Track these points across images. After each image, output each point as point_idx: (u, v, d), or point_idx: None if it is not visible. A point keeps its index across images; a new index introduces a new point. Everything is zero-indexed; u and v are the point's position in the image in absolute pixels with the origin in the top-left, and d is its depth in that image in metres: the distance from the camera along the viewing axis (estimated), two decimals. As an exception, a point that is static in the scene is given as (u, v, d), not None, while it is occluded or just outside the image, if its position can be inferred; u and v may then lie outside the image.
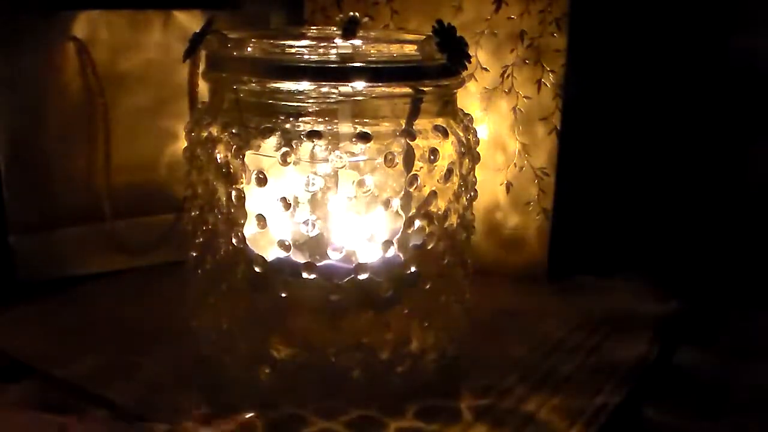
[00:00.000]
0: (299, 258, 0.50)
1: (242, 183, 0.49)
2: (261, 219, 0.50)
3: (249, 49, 0.52)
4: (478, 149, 0.55)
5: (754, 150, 0.78)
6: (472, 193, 0.55)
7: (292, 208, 0.49)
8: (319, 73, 0.49)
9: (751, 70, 0.77)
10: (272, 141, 0.49)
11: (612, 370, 0.57)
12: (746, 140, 0.78)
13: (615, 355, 0.59)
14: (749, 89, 0.77)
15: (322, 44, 0.53)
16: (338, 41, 0.50)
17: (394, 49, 0.54)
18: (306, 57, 0.51)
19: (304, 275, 0.49)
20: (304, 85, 0.49)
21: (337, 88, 0.48)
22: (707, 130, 0.79)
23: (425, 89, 0.50)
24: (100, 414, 0.50)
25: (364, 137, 0.48)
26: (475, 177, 0.55)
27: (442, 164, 0.51)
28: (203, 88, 0.55)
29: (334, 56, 0.50)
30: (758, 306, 0.70)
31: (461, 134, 0.53)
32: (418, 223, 0.51)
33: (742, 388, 0.58)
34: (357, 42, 0.51)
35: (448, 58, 0.50)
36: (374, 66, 0.49)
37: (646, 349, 0.60)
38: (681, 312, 0.67)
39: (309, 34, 0.58)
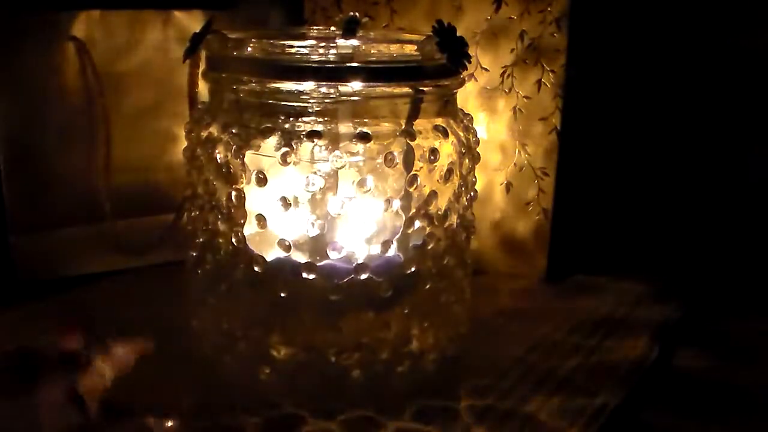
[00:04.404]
0: (299, 258, 0.50)
1: (242, 183, 0.49)
2: (261, 219, 0.50)
3: (249, 49, 0.52)
4: (478, 149, 0.55)
5: (756, 151, 0.78)
6: (472, 193, 0.55)
7: (292, 208, 0.49)
8: (319, 73, 0.49)
9: (751, 71, 0.77)
10: (272, 141, 0.49)
11: (611, 371, 0.57)
12: (748, 141, 0.78)
13: (614, 356, 0.59)
14: (750, 89, 0.77)
15: (322, 44, 0.53)
16: (338, 41, 0.50)
17: (394, 49, 0.54)
18: (306, 57, 0.51)
19: (304, 275, 0.49)
20: (304, 85, 0.49)
21: (337, 88, 0.48)
22: (708, 131, 0.79)
23: (425, 89, 0.50)
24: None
25: (364, 137, 0.48)
26: (475, 177, 0.55)
27: (442, 164, 0.51)
28: (203, 88, 0.55)
29: (334, 56, 0.50)
30: (758, 307, 0.70)
31: (461, 134, 0.53)
32: (418, 223, 0.51)
33: (741, 390, 0.58)
34: (357, 42, 0.51)
35: (448, 58, 0.50)
36: (374, 66, 0.49)
37: (645, 351, 0.60)
38: (680, 313, 0.67)
39: (309, 34, 0.58)
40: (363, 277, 0.49)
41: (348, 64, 0.49)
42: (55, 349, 0.50)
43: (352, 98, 0.49)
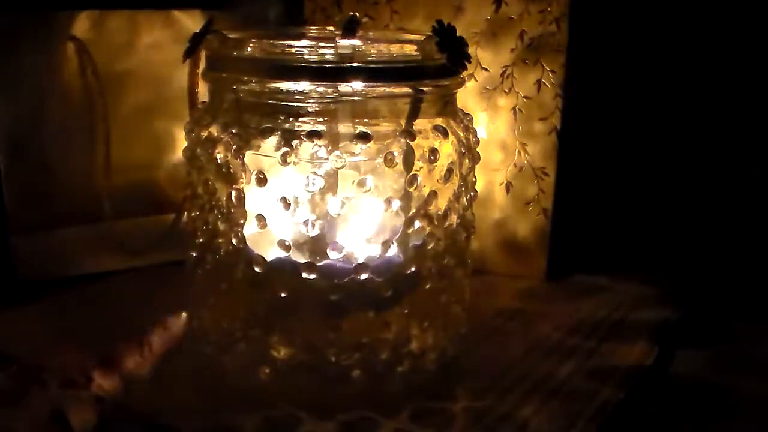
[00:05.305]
0: (299, 258, 0.50)
1: (242, 183, 0.49)
2: (261, 219, 0.50)
3: (249, 49, 0.52)
4: (477, 149, 0.55)
5: (759, 151, 0.78)
6: (472, 193, 0.55)
7: (292, 208, 0.49)
8: (319, 73, 0.49)
9: (753, 70, 0.77)
10: (272, 141, 0.49)
11: (610, 372, 0.57)
12: (751, 141, 0.78)
13: (613, 358, 0.59)
14: (752, 88, 0.77)
15: (322, 44, 0.53)
16: (338, 41, 0.50)
17: (394, 49, 0.54)
18: (306, 57, 0.51)
19: (304, 275, 0.49)
20: (304, 85, 0.49)
21: (336, 88, 0.48)
22: (709, 131, 0.79)
23: (425, 89, 0.50)
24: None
25: (364, 137, 0.48)
26: (475, 177, 0.55)
27: (442, 164, 0.51)
28: (203, 88, 0.55)
29: (334, 56, 0.50)
30: (758, 308, 0.70)
31: (461, 134, 0.53)
32: (418, 223, 0.51)
33: (741, 392, 0.58)
34: (357, 42, 0.51)
35: (448, 58, 0.50)
36: (374, 66, 0.49)
37: (644, 352, 0.60)
38: (680, 314, 0.67)
39: (309, 34, 0.58)
40: (363, 277, 0.49)
41: (348, 64, 0.49)
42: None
43: (352, 98, 0.49)
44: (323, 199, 0.50)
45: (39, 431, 0.43)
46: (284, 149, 0.48)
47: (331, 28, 0.57)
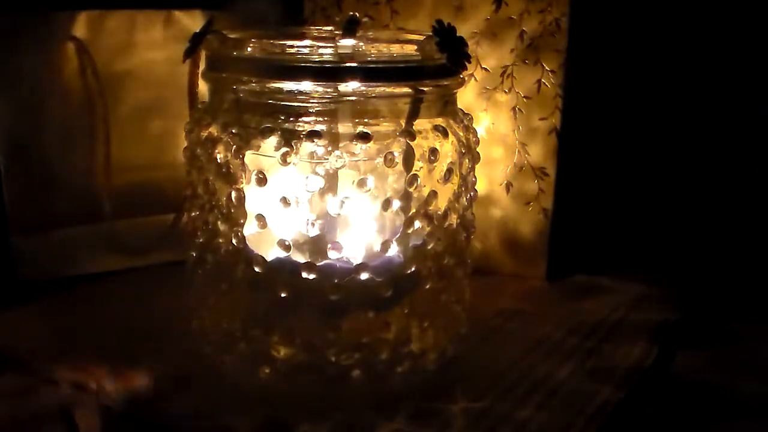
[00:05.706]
0: (299, 258, 0.50)
1: (242, 183, 0.49)
2: (261, 219, 0.50)
3: (249, 49, 0.52)
4: (478, 149, 0.55)
5: (759, 151, 0.78)
6: (472, 193, 0.55)
7: (292, 208, 0.49)
8: (319, 73, 0.49)
9: (754, 68, 0.77)
10: (272, 141, 0.49)
11: (610, 372, 0.57)
12: (751, 141, 0.78)
13: (613, 358, 0.59)
14: (752, 87, 0.77)
15: (322, 44, 0.53)
16: (338, 41, 0.50)
17: (394, 49, 0.54)
18: (306, 57, 0.51)
19: (304, 275, 0.49)
20: (304, 85, 0.49)
21: (336, 88, 0.48)
22: (710, 130, 0.79)
23: (425, 89, 0.50)
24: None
25: (364, 137, 0.48)
26: (475, 177, 0.55)
27: (442, 164, 0.51)
28: (203, 88, 0.55)
29: (334, 56, 0.50)
30: (759, 308, 0.70)
31: (461, 134, 0.53)
32: (418, 223, 0.51)
33: (742, 393, 0.58)
34: (357, 42, 0.51)
35: (448, 58, 0.50)
36: (374, 66, 0.49)
37: (644, 352, 0.60)
38: (680, 314, 0.67)
39: (309, 34, 0.58)
40: (363, 277, 0.49)
41: (347, 64, 0.49)
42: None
43: (352, 98, 0.49)
44: (323, 199, 0.50)
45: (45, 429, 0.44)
46: (284, 149, 0.48)
47: (331, 28, 0.57)
